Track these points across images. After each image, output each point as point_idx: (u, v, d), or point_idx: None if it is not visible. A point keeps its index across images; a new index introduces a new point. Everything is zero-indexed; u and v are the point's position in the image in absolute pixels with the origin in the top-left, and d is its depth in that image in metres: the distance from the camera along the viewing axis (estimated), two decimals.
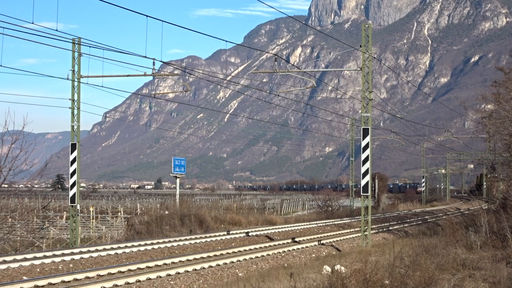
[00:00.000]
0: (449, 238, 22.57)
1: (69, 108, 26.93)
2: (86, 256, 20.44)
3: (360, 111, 27.53)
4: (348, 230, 33.73)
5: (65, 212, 47.99)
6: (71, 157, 26.72)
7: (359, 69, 27.08)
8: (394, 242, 24.05)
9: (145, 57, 22.61)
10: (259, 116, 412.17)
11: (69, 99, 26.97)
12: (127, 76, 27.41)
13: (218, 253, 22.05)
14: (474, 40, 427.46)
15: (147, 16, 20.37)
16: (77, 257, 20.14)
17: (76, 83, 26.69)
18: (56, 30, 18.60)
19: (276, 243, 26.06)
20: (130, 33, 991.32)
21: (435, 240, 22.11)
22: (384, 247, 23.66)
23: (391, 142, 62.53)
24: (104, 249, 22.36)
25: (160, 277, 16.57)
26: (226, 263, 19.40)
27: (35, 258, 19.55)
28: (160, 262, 19.00)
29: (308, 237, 28.98)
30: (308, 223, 38.33)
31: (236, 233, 30.23)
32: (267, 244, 25.29)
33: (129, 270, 17.58)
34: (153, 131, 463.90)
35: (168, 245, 24.53)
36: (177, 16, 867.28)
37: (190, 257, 20.43)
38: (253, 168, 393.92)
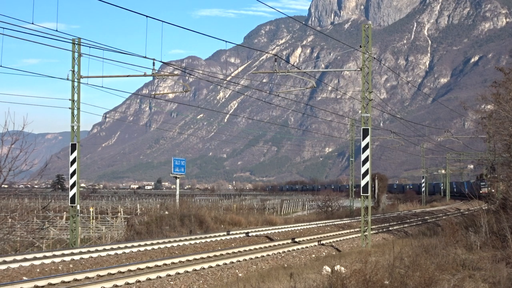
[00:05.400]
0: (449, 238, 22.56)
1: (69, 108, 26.96)
2: (86, 256, 20.45)
3: (360, 112, 27.54)
4: (348, 231, 33.75)
5: (65, 213, 47.98)
6: (71, 158, 26.74)
7: (359, 69, 27.08)
8: (394, 242, 24.03)
9: (145, 57, 22.65)
10: (259, 117, 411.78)
11: (69, 100, 27.00)
12: (127, 76, 27.46)
13: (218, 253, 22.06)
14: (474, 41, 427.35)
15: (147, 16, 20.39)
16: (77, 257, 20.15)
17: (76, 84, 26.71)
18: (56, 31, 18.63)
19: (276, 243, 26.07)
20: (130, 33, 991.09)
21: (435, 240, 22.10)
22: (384, 248, 23.66)
23: (391, 142, 62.58)
24: (104, 250, 22.37)
25: (160, 277, 16.58)
26: (226, 264, 19.41)
27: (35, 258, 19.55)
28: (160, 263, 19.01)
29: (308, 238, 28.98)
30: (308, 224, 38.35)
31: (236, 234, 30.23)
32: (267, 245, 25.30)
33: (129, 271, 17.59)
34: (153, 132, 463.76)
35: (168, 245, 24.54)
36: (179, 16, 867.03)
37: (190, 258, 20.44)
38: (253, 169, 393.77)
